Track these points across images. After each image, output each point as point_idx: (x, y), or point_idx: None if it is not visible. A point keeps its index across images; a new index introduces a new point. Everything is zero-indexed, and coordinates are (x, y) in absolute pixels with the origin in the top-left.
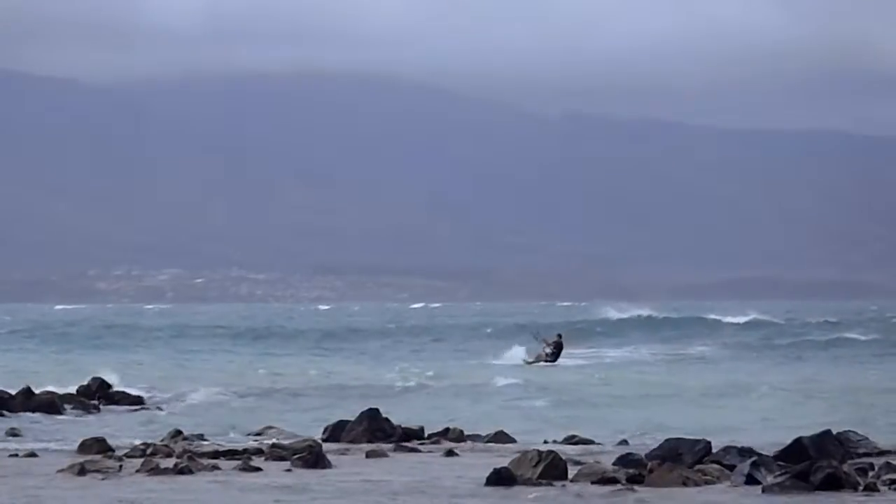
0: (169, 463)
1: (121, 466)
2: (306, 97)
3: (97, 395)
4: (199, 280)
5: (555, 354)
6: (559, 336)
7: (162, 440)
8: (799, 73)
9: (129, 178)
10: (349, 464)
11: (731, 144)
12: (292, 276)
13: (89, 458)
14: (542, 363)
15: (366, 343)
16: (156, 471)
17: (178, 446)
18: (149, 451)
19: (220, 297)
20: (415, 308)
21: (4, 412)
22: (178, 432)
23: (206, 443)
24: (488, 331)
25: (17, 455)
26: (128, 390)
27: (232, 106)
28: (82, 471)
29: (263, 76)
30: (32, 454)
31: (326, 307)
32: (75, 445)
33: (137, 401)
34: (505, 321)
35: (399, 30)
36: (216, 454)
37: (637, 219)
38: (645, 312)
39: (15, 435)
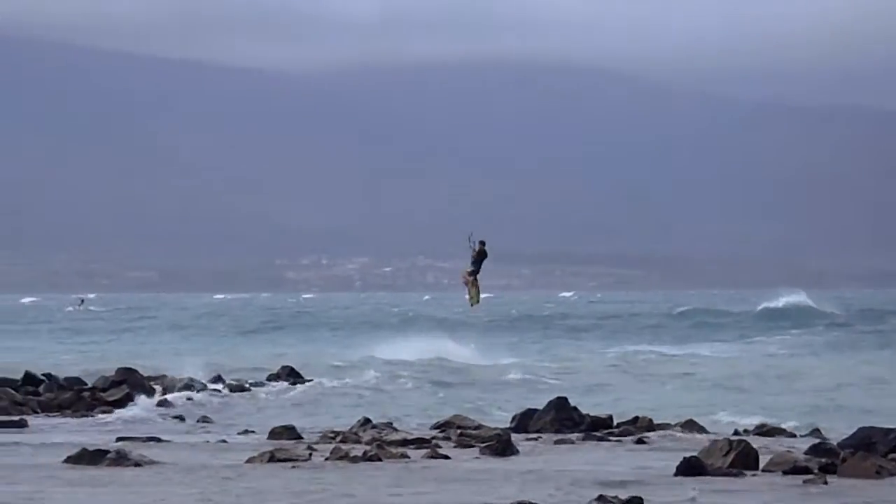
0: (358, 451)
1: (310, 454)
2: (482, 86)
3: (286, 382)
4: (387, 269)
5: (477, 263)
6: (482, 244)
7: (351, 428)
8: None
9: (314, 166)
10: (537, 452)
11: None
12: None
13: (279, 445)
14: (471, 288)
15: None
16: (345, 458)
17: (367, 434)
18: (338, 439)
19: (407, 286)
20: (565, 297)
21: (196, 398)
22: (367, 420)
23: (394, 431)
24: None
25: (208, 443)
26: (311, 379)
27: (408, 95)
28: (272, 458)
29: (439, 65)
30: (223, 441)
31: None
32: (265, 432)
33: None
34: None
35: (571, 16)
36: (405, 442)
37: (822, 205)
38: (795, 300)
39: (206, 422)
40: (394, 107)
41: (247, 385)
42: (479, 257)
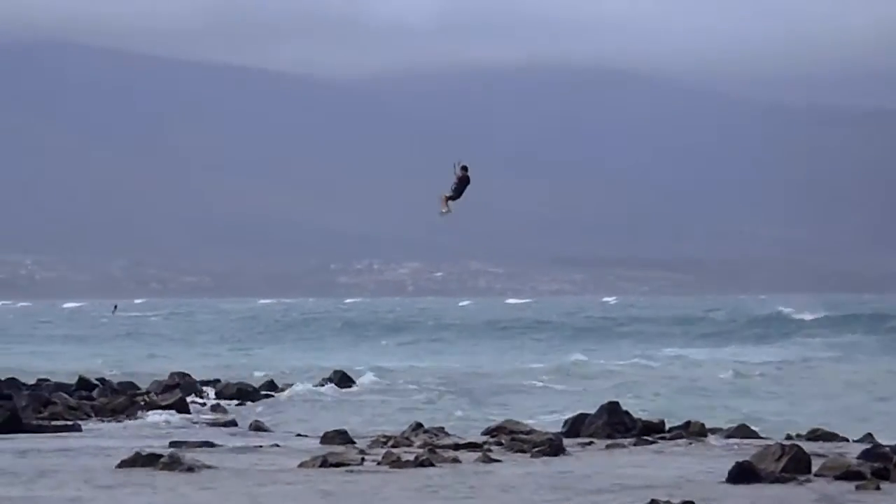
0: (410, 455)
1: (363, 459)
2: (534, 90)
3: (338, 386)
4: (439, 274)
5: (458, 189)
6: (464, 169)
7: (403, 432)
8: None
9: (369, 172)
10: (589, 457)
11: None
12: (531, 269)
13: (331, 450)
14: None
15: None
16: (397, 463)
17: (419, 439)
18: (390, 444)
19: (458, 291)
20: (606, 301)
21: (248, 403)
22: (419, 425)
23: (446, 435)
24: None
25: (261, 447)
26: (362, 384)
27: (462, 99)
28: (324, 463)
29: (493, 70)
30: (276, 446)
31: (517, 301)
32: (318, 437)
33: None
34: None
35: (609, 20)
36: (456, 446)
37: (864, 208)
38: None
39: (259, 429)
40: (447, 111)
41: (298, 389)
42: (461, 184)
